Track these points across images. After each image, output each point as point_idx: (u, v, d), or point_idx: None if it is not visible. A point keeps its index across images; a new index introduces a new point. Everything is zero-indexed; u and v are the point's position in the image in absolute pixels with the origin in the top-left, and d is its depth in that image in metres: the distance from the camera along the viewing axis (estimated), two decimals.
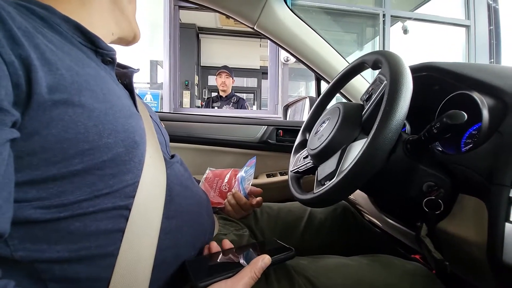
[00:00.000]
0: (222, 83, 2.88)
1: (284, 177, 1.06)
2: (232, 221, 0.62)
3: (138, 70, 0.45)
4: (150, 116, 0.43)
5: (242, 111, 2.93)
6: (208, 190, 0.69)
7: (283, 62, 2.99)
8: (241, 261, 0.39)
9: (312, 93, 1.40)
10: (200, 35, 4.70)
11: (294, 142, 0.65)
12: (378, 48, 3.26)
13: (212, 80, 4.86)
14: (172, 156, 0.46)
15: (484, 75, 0.41)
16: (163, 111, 2.81)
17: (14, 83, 0.24)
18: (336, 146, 0.44)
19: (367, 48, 3.53)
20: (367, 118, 0.44)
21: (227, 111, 2.87)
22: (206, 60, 4.93)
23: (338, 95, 0.66)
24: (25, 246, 0.26)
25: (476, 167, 0.37)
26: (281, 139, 1.07)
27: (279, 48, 1.01)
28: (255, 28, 0.91)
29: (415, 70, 0.50)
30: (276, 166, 1.09)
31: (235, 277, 0.35)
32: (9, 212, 0.24)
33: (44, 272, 0.27)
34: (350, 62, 0.55)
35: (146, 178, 0.34)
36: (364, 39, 3.57)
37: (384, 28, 3.18)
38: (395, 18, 3.28)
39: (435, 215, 0.39)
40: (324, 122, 0.51)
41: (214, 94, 3.34)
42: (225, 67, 2.87)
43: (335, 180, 0.39)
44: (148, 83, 3.27)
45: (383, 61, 0.42)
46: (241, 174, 0.67)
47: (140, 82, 3.21)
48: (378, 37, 3.28)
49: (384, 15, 3.17)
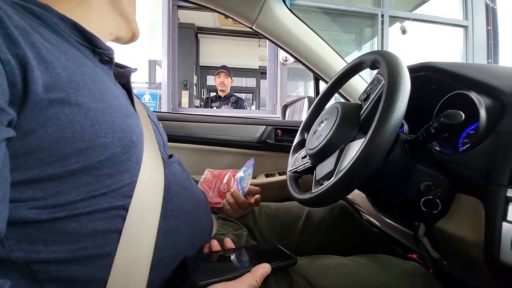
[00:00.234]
0: (221, 83, 2.88)
1: (283, 177, 1.06)
2: (230, 221, 0.62)
3: (136, 69, 0.45)
4: (148, 115, 0.43)
5: (240, 111, 2.92)
6: (206, 191, 0.69)
7: (282, 62, 2.98)
8: (241, 263, 0.39)
9: (311, 93, 1.40)
10: (198, 34, 4.69)
11: (292, 142, 0.65)
12: (376, 48, 3.27)
13: (210, 80, 4.87)
14: (170, 156, 0.46)
15: (481, 75, 0.41)
16: (162, 111, 2.80)
17: (10, 82, 0.24)
18: (334, 145, 0.44)
19: (366, 48, 3.53)
20: (365, 118, 0.44)
21: (226, 111, 2.87)
22: (204, 60, 4.92)
23: (336, 95, 0.66)
24: (21, 246, 0.26)
25: (473, 166, 0.37)
26: (279, 139, 1.07)
27: (278, 48, 1.01)
28: (253, 28, 0.91)
29: (413, 70, 0.50)
30: (274, 166, 1.09)
31: (235, 281, 0.35)
32: (4, 212, 0.24)
33: (40, 273, 0.27)
34: (348, 62, 0.55)
35: (144, 178, 0.34)
36: (363, 39, 3.57)
37: (382, 28, 3.18)
38: (394, 19, 3.30)
39: (432, 214, 0.39)
40: (322, 122, 0.51)
41: (213, 94, 3.34)
42: (223, 67, 2.87)
43: (333, 179, 0.39)
44: (146, 83, 3.25)
45: (381, 61, 0.42)
46: (239, 174, 0.67)
47: (138, 81, 3.20)
48: (376, 37, 3.29)
49: (382, 15, 3.18)
